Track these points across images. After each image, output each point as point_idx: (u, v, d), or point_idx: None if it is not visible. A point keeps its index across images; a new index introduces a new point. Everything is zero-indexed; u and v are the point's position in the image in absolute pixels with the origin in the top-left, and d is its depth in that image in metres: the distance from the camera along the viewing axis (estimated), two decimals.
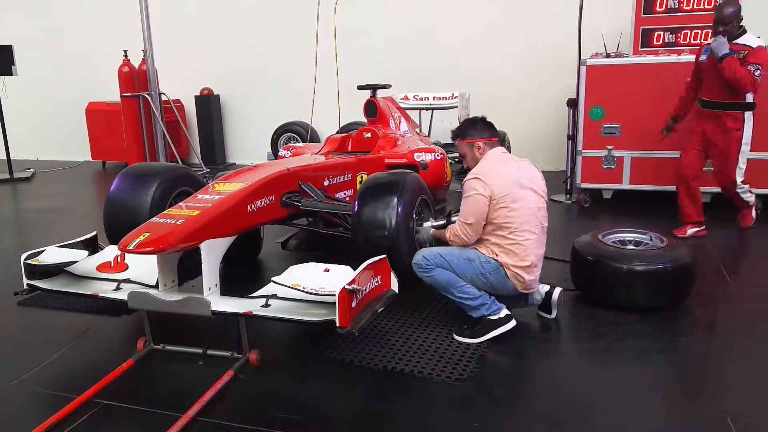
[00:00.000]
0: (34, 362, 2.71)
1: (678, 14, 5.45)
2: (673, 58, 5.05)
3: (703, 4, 5.39)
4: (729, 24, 4.00)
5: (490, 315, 2.82)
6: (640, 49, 5.55)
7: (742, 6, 4.09)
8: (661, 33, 5.53)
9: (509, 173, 2.81)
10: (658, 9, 5.49)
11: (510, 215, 2.74)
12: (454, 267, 2.80)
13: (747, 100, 4.11)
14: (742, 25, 4.07)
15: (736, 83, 3.96)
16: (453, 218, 3.04)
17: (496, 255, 2.79)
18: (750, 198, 4.46)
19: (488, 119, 3.04)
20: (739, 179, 4.32)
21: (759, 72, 3.93)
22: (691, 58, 4.64)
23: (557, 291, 3.01)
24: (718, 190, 5.04)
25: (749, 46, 3.99)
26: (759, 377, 2.51)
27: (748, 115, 4.15)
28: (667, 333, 2.83)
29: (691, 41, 5.42)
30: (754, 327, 2.93)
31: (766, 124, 4.72)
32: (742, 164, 4.26)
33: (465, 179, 2.86)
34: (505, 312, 2.84)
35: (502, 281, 2.80)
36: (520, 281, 2.80)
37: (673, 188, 5.22)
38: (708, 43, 4.22)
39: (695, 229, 4.43)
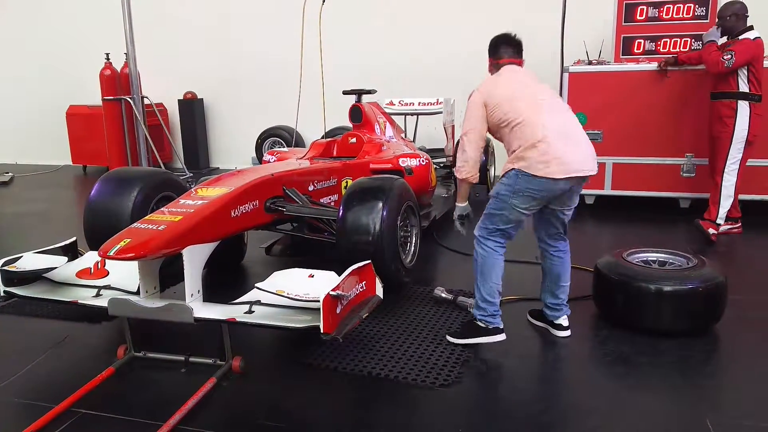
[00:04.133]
0: (11, 371, 2.66)
1: (658, 23, 5.54)
2: (654, 66, 5.13)
3: (682, 13, 5.49)
4: (723, 18, 4.32)
5: (482, 321, 2.80)
6: (621, 57, 5.64)
7: (746, 6, 4.31)
8: (642, 41, 5.61)
9: (509, 84, 2.83)
10: (638, 17, 5.57)
11: (508, 112, 2.72)
12: (490, 219, 2.75)
13: (740, 90, 4.24)
14: (750, 25, 4.28)
15: (705, 64, 4.35)
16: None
17: (512, 162, 2.71)
18: (721, 223, 4.41)
19: (512, 35, 3.10)
20: (728, 178, 4.34)
21: (729, 57, 4.13)
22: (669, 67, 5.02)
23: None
24: (697, 195, 5.14)
25: (739, 39, 4.24)
26: (738, 381, 2.55)
27: (742, 104, 4.23)
28: (649, 337, 2.86)
29: (671, 49, 5.52)
30: (735, 331, 2.97)
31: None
32: (733, 158, 4.30)
33: None
34: (498, 326, 2.79)
35: (534, 181, 2.62)
36: (552, 161, 2.58)
37: (653, 194, 5.31)
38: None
39: (729, 226, 4.55)
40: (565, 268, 2.93)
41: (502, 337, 2.80)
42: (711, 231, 4.37)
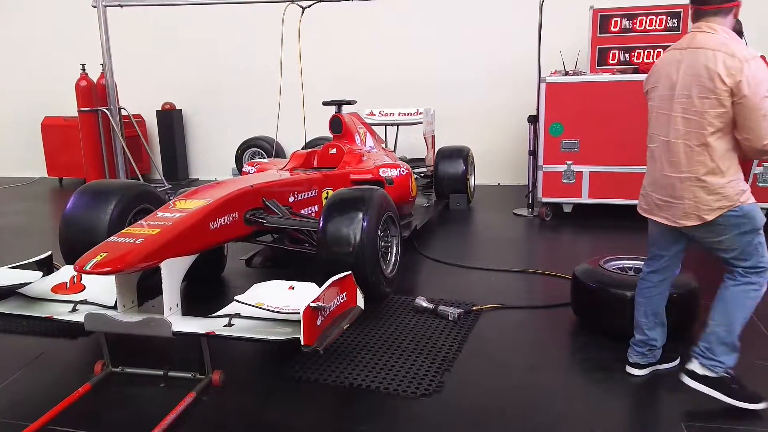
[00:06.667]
0: None
1: (631, 34, 5.69)
2: (628, 76, 5.24)
3: (655, 25, 5.64)
4: None
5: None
6: (596, 67, 5.75)
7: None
8: (616, 52, 5.75)
9: (670, 59, 2.32)
10: (612, 29, 5.71)
11: (649, 108, 2.44)
12: None
13: None
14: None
15: None
16: None
17: None
18: None
19: None
20: None
21: None
22: (643, 77, 4.97)
23: None
24: None
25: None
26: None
27: None
28: (626, 343, 2.89)
29: (644, 60, 5.65)
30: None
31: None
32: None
33: None
34: (629, 359, 2.62)
35: None
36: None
37: (630, 201, 5.40)
38: None
39: None
40: (716, 303, 2.38)
41: (627, 368, 2.63)
42: None
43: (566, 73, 5.46)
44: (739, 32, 4.39)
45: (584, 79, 5.35)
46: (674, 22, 5.58)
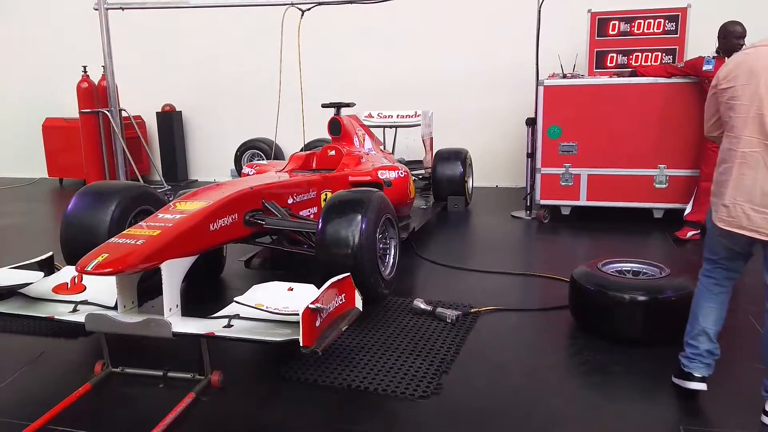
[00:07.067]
0: None
1: (629, 37, 5.71)
2: (626, 79, 5.26)
3: (653, 28, 5.66)
4: (742, 37, 4.48)
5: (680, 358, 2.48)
6: (594, 70, 5.78)
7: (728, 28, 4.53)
8: (614, 55, 5.77)
9: (761, 55, 2.16)
10: (610, 32, 5.73)
11: (730, 108, 2.22)
12: (705, 246, 2.41)
13: None
14: (741, 44, 4.45)
15: None
16: None
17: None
18: None
19: None
20: None
21: None
22: (641, 80, 5.14)
23: None
24: (670, 205, 5.27)
25: None
26: (711, 388, 2.59)
27: None
28: (623, 345, 2.92)
29: (642, 63, 5.68)
30: None
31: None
32: None
33: None
34: (690, 371, 2.45)
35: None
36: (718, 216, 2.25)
37: (627, 204, 5.42)
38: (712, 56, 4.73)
39: (693, 232, 4.75)
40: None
41: (693, 385, 2.43)
42: None
43: (564, 76, 5.48)
44: (742, 35, 4.46)
45: (582, 82, 5.38)
46: (672, 26, 5.60)
